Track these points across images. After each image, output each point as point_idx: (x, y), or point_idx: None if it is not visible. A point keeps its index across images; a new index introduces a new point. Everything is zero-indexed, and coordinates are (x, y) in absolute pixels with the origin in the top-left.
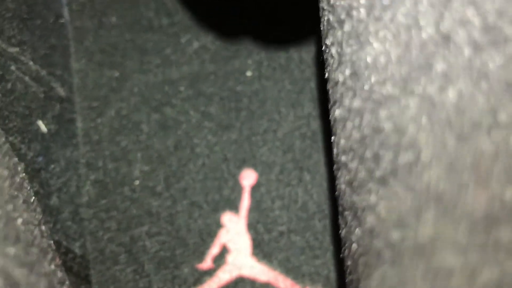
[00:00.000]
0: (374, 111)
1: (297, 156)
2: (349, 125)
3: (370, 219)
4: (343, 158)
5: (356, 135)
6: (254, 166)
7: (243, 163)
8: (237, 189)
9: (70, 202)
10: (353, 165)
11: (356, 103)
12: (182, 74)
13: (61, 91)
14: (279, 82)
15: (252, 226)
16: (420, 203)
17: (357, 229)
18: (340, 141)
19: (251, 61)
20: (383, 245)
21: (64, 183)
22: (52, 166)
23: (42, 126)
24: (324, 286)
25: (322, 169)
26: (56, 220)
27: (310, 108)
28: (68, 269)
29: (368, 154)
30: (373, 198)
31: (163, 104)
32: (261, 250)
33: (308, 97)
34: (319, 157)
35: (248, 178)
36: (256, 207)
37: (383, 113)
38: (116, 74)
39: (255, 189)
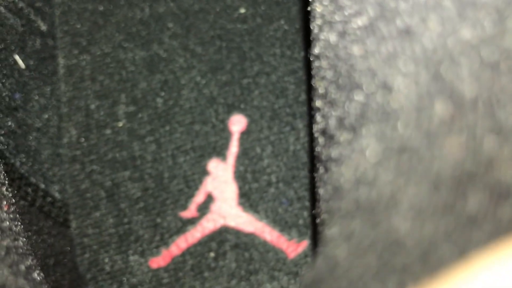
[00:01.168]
0: (348, 46)
1: (290, 101)
2: (324, 63)
3: (336, 174)
4: (318, 103)
5: (330, 75)
6: (244, 111)
7: (232, 108)
8: (226, 135)
9: (49, 143)
10: (326, 111)
11: (332, 38)
12: (170, 10)
13: (41, 25)
14: (275, 21)
15: (239, 175)
16: (384, 156)
17: (327, 185)
18: (316, 83)
19: None
20: (342, 203)
21: (43, 123)
22: (31, 104)
23: (20, 61)
24: (312, 239)
25: None
26: (34, 161)
27: (307, 50)
28: (46, 214)
29: (341, 97)
30: (341, 151)
31: (149, 41)
32: (247, 199)
33: (306, 38)
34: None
35: (238, 123)
36: (244, 154)
37: (357, 48)
38: (101, 8)
39: (244, 135)
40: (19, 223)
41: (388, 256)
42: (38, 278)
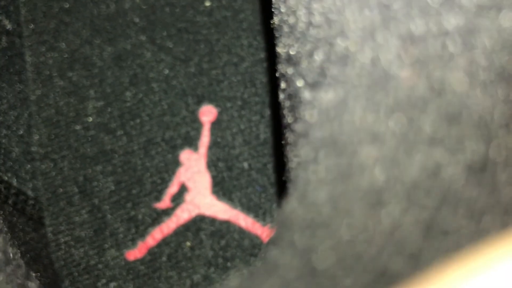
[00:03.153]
0: (306, 6)
1: (259, 90)
2: (286, 28)
3: (299, 128)
4: (282, 68)
5: (292, 38)
6: (214, 102)
7: (202, 99)
8: (196, 125)
9: (20, 141)
10: (290, 72)
11: (292, 2)
12: (136, 5)
13: (7, 24)
14: (240, 12)
15: (212, 164)
16: (344, 93)
17: (291, 142)
18: (280, 50)
19: None
20: (307, 143)
21: (13, 121)
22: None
23: None
24: None
25: None
26: (5, 159)
27: (274, 40)
28: (19, 211)
29: (303, 56)
30: (305, 107)
31: (116, 36)
32: (221, 188)
33: (272, 28)
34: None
35: (208, 114)
36: (216, 144)
37: (315, 6)
38: (66, 5)
39: (215, 125)
40: None
41: (353, 180)
42: (12, 255)
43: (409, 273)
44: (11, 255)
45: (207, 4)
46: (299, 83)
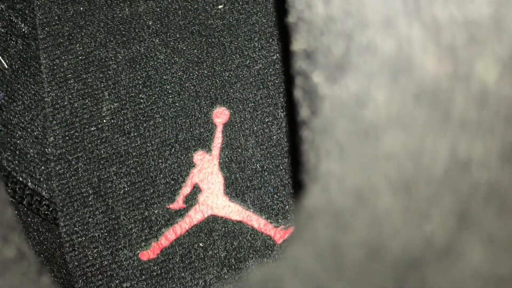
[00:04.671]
0: (327, 1)
1: (272, 92)
2: (302, 26)
3: (319, 122)
4: (298, 65)
5: (309, 34)
6: (227, 103)
7: (215, 101)
8: (209, 127)
9: (35, 142)
10: (308, 70)
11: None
12: (150, 8)
13: (22, 27)
14: (253, 15)
15: (225, 165)
16: (368, 82)
17: (308, 138)
18: (296, 47)
19: None
20: (331, 140)
21: (28, 122)
22: (15, 104)
23: (3, 61)
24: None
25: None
26: (20, 160)
27: (286, 42)
28: (34, 212)
29: (321, 52)
30: (322, 103)
31: (130, 39)
32: (234, 189)
33: (284, 30)
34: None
35: (221, 115)
36: (229, 145)
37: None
38: (81, 8)
39: (227, 127)
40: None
41: (378, 169)
42: (27, 251)
43: (439, 267)
44: (25, 251)
45: (220, 7)
46: (318, 77)
